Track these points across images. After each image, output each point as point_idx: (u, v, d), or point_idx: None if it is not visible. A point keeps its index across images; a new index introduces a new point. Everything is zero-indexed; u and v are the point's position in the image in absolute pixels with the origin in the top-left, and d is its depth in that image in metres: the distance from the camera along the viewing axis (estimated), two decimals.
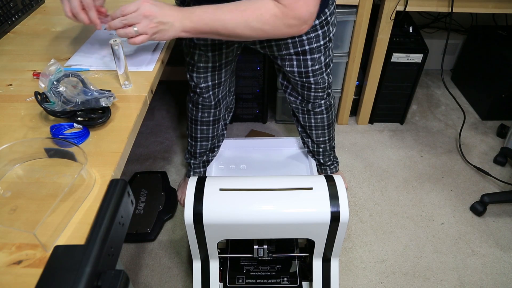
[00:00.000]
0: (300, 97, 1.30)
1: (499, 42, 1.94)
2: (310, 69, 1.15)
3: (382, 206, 1.59)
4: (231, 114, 1.48)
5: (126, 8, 0.82)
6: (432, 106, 2.15)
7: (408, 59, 1.75)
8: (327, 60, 1.17)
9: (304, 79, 1.19)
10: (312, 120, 1.37)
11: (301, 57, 1.13)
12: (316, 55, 1.13)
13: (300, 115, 1.37)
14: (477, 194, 1.63)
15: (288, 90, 1.30)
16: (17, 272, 0.55)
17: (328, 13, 1.08)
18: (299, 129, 1.47)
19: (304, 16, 0.82)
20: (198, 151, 1.45)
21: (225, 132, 1.50)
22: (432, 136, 1.94)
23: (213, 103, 1.30)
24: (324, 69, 1.18)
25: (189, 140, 1.46)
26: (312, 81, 1.19)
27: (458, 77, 2.30)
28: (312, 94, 1.25)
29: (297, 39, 1.09)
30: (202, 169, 1.52)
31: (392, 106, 1.95)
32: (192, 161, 1.50)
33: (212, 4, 0.84)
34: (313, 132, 1.41)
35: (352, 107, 1.96)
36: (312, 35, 1.09)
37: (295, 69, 1.16)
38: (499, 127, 1.95)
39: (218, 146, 1.51)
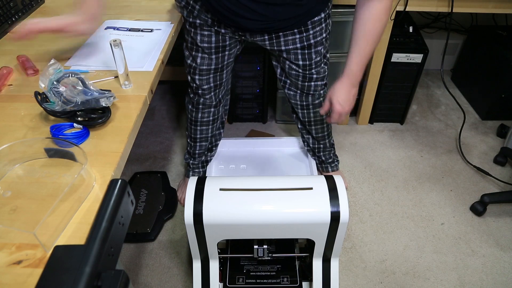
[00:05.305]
0: (299, 91, 1.31)
1: (499, 42, 1.94)
2: (313, 61, 1.19)
3: (382, 206, 1.59)
4: (227, 112, 1.49)
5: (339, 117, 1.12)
6: (432, 106, 2.15)
7: (408, 59, 1.75)
8: (326, 50, 1.21)
9: (307, 71, 1.22)
10: (312, 115, 1.38)
11: (306, 51, 1.16)
12: (319, 47, 1.17)
13: (299, 110, 1.38)
14: (477, 194, 1.63)
15: (287, 85, 1.32)
16: (17, 272, 0.55)
17: (330, 6, 1.13)
18: (299, 126, 1.48)
19: None
20: (197, 151, 1.46)
21: (222, 130, 1.50)
22: (432, 136, 1.94)
23: (214, 103, 1.32)
24: (323, 60, 1.22)
25: (188, 140, 1.46)
26: (314, 72, 1.22)
27: (458, 77, 2.30)
28: (313, 84, 1.26)
29: (304, 34, 1.12)
30: (201, 169, 1.53)
31: (392, 106, 1.95)
32: (191, 162, 1.51)
33: (355, 48, 1.03)
34: (313, 127, 1.42)
35: None
36: (318, 28, 1.13)
37: (300, 62, 1.19)
38: (499, 127, 1.95)
39: (216, 145, 1.51)
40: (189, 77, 1.27)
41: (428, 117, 2.07)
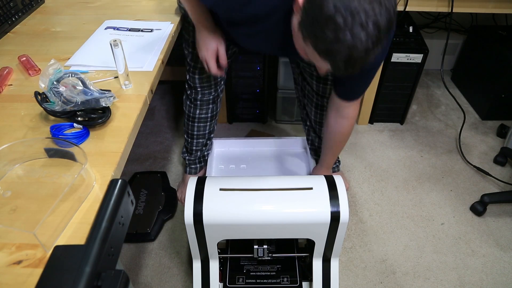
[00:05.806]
0: (315, 93, 1.30)
1: (499, 42, 1.94)
2: None
3: (382, 206, 1.59)
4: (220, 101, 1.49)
5: None
6: (432, 106, 2.15)
7: (408, 59, 1.75)
8: None
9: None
10: (324, 117, 1.36)
11: None
12: None
13: (313, 109, 1.37)
14: (477, 194, 1.63)
15: (306, 81, 1.31)
16: (17, 272, 0.55)
17: None
18: (307, 123, 1.46)
19: (356, 114, 1.12)
20: (194, 148, 1.46)
21: (216, 124, 1.50)
22: (432, 136, 1.94)
23: (212, 99, 1.32)
24: None
25: (185, 136, 1.47)
26: (329, 73, 1.21)
27: (458, 77, 2.30)
28: (328, 87, 1.25)
29: None
30: (198, 165, 1.53)
31: (392, 106, 1.95)
32: (187, 157, 1.51)
33: (328, 154, 1.27)
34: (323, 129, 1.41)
35: None
36: None
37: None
38: (499, 127, 1.95)
39: (210, 138, 1.51)
40: (188, 75, 1.27)
41: (428, 117, 2.07)
